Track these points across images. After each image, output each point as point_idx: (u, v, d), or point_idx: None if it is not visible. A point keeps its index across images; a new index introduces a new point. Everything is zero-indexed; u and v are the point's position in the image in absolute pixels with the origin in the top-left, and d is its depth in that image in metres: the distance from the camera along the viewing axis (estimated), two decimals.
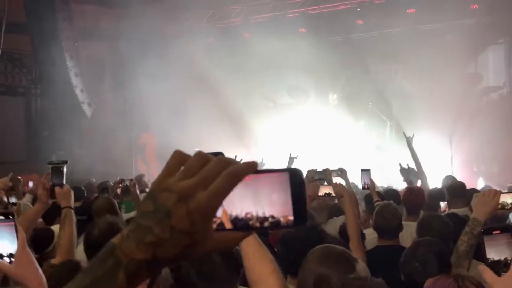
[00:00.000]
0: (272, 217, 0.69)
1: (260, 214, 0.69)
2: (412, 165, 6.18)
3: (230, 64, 13.23)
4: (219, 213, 0.70)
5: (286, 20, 13.28)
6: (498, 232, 1.78)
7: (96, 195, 7.29)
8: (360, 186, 5.12)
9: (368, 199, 4.75)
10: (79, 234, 4.24)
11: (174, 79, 13.13)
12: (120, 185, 6.20)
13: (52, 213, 4.93)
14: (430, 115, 11.03)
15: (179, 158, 0.71)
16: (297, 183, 0.69)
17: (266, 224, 0.69)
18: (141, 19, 13.83)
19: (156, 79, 12.93)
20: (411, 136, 6.59)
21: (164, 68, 13.13)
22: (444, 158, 10.51)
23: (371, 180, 4.67)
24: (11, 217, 1.88)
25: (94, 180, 8.98)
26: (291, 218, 0.69)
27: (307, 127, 12.74)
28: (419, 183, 5.85)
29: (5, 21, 12.70)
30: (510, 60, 12.00)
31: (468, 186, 5.19)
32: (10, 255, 1.81)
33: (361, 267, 3.10)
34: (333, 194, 4.04)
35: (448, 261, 2.70)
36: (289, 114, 13.23)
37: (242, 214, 0.70)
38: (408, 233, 3.79)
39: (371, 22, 12.27)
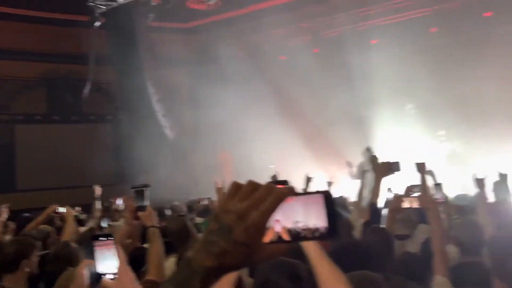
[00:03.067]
0: (318, 228, 0.87)
1: (311, 226, 0.87)
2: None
3: (303, 80, 13.37)
4: (279, 228, 0.89)
5: (357, 33, 13.23)
6: None
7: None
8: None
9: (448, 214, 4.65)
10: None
11: (249, 99, 13.46)
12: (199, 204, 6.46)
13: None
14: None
15: (235, 187, 0.91)
16: (329, 202, 0.87)
17: (316, 234, 0.87)
18: (215, 44, 14.39)
19: (232, 100, 13.33)
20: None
21: (238, 89, 13.52)
22: None
23: (445, 194, 4.58)
24: (111, 238, 2.08)
25: (177, 203, 9.35)
26: (326, 230, 0.87)
27: (384, 139, 12.58)
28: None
29: (94, 54, 13.74)
30: None
31: None
32: (112, 273, 1.99)
33: (441, 281, 3.09)
34: (417, 207, 3.95)
35: None
36: (366, 126, 13.09)
37: (295, 228, 0.88)
38: None
39: (446, 28, 11.97)
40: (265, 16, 13.79)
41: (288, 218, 0.88)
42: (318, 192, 0.88)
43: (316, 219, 0.86)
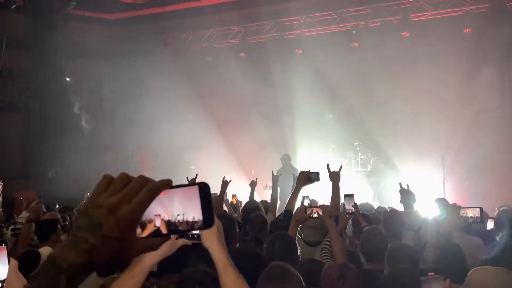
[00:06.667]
0: (196, 221, 0.82)
1: (190, 219, 0.83)
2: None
3: (228, 83, 13.36)
4: (158, 223, 0.84)
5: (284, 42, 13.44)
6: (433, 273, 2.15)
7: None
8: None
9: (356, 222, 4.80)
10: None
11: (171, 97, 13.22)
12: None
13: (46, 230, 5.00)
14: (423, 137, 11.16)
15: (106, 180, 0.85)
16: (204, 194, 0.83)
17: (195, 226, 0.83)
18: (140, 38, 14.00)
19: (154, 97, 13.02)
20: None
21: (162, 86, 13.24)
22: (436, 180, 10.55)
23: (355, 204, 4.72)
24: (3, 245, 1.96)
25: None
26: (201, 221, 0.82)
27: (302, 145, 12.84)
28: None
29: (5, 38, 12.83)
30: (503, 81, 12.12)
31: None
32: (2, 281, 1.88)
33: None
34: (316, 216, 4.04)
35: None
36: (286, 132, 13.27)
37: (175, 221, 0.83)
38: None
39: (367, 44, 12.47)
40: (193, 15, 13.64)
41: (167, 211, 0.84)
42: (194, 184, 0.84)
43: (194, 211, 0.83)
